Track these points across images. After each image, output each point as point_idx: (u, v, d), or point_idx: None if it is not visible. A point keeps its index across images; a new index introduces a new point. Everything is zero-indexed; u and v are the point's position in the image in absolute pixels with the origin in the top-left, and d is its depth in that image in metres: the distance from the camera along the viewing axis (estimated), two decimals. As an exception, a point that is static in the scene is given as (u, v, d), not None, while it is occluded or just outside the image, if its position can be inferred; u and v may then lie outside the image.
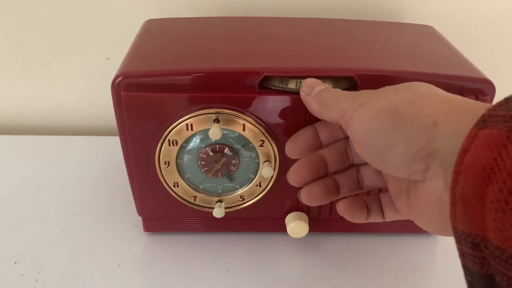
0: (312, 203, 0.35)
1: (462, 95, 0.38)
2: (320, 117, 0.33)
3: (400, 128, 0.26)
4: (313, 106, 0.33)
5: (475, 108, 0.23)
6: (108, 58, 0.64)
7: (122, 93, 0.37)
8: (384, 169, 0.28)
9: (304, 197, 0.35)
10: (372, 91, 0.30)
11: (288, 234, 0.44)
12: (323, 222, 0.47)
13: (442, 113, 0.25)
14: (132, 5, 0.60)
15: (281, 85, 0.38)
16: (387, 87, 0.30)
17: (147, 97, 0.37)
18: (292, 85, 0.37)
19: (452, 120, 0.24)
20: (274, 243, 0.47)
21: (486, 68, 0.65)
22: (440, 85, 0.38)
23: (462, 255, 0.21)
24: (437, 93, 0.28)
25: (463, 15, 0.62)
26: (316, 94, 0.33)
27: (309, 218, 0.45)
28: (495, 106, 0.21)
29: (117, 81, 0.37)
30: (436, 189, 0.25)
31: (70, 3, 0.60)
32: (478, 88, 0.39)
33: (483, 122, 0.21)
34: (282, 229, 0.45)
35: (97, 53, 0.64)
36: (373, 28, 0.50)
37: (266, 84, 0.38)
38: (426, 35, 0.49)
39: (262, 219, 0.46)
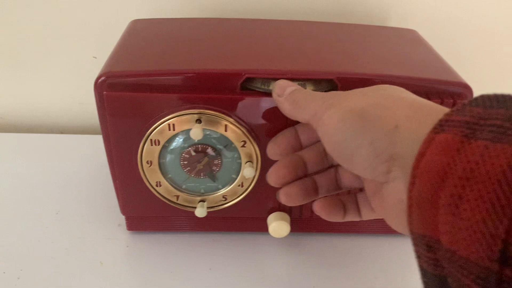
0: (291, 203, 0.35)
1: (441, 98, 0.39)
2: (292, 118, 0.34)
3: (365, 131, 0.26)
4: (285, 107, 0.34)
5: (436, 113, 0.24)
6: (95, 57, 0.64)
7: (104, 92, 0.38)
8: (351, 169, 0.29)
9: (283, 198, 0.35)
10: (342, 92, 0.31)
11: (270, 234, 0.45)
12: (305, 222, 0.47)
13: (404, 117, 0.25)
14: (120, 5, 0.60)
15: (262, 87, 0.38)
16: (356, 89, 0.31)
17: (130, 97, 0.38)
18: (270, 86, 0.38)
19: (412, 124, 0.24)
20: (256, 243, 0.47)
21: (471, 72, 0.66)
22: (418, 89, 0.39)
23: (418, 257, 0.22)
24: (402, 97, 0.28)
25: (449, 19, 0.62)
26: (288, 95, 0.34)
27: (291, 218, 0.45)
28: (452, 111, 0.22)
29: (100, 80, 0.38)
30: (398, 191, 0.26)
31: (59, 3, 0.60)
32: (456, 91, 0.40)
33: (440, 126, 0.21)
34: (265, 229, 0.45)
35: (85, 52, 0.64)
36: (357, 32, 0.51)
37: (248, 85, 0.39)
38: (409, 39, 0.50)
39: (245, 219, 0.47)
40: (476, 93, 0.41)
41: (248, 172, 0.41)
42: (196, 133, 0.37)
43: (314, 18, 0.62)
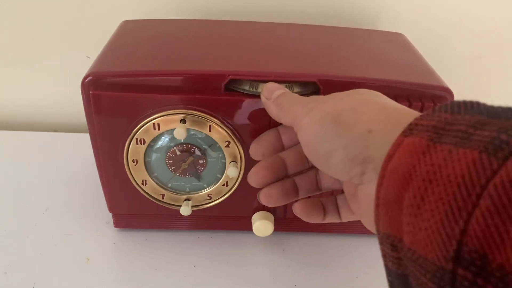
0: (271, 204, 0.36)
1: (422, 102, 0.40)
2: (278, 121, 0.35)
3: (341, 135, 0.27)
4: (272, 110, 0.35)
5: (408, 117, 0.24)
6: (88, 57, 0.65)
7: (91, 92, 0.38)
8: (328, 172, 0.29)
9: (263, 198, 0.36)
10: (321, 97, 0.32)
11: (254, 233, 0.45)
12: (289, 221, 0.48)
13: (377, 121, 0.26)
14: (113, 5, 0.61)
15: (251, 89, 0.39)
16: (335, 93, 0.31)
17: (115, 97, 0.39)
18: (259, 89, 0.39)
19: (385, 128, 0.25)
20: (241, 241, 0.48)
21: (461, 76, 0.67)
22: (400, 91, 0.40)
23: (383, 256, 0.22)
24: (377, 101, 0.29)
25: (438, 24, 0.63)
26: (275, 99, 0.34)
27: (275, 218, 0.46)
28: (422, 115, 0.22)
29: (86, 80, 0.39)
30: (371, 192, 0.26)
31: (53, 1, 0.61)
32: (437, 95, 0.40)
33: (410, 130, 0.22)
34: (249, 227, 0.46)
35: (78, 52, 0.65)
36: (344, 35, 0.52)
37: (233, 87, 0.39)
38: (395, 42, 0.51)
39: (229, 217, 0.48)
40: (462, 97, 0.42)
41: (232, 172, 0.41)
42: (180, 132, 0.38)
43: (304, 21, 0.62)
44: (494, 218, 0.16)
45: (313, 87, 0.40)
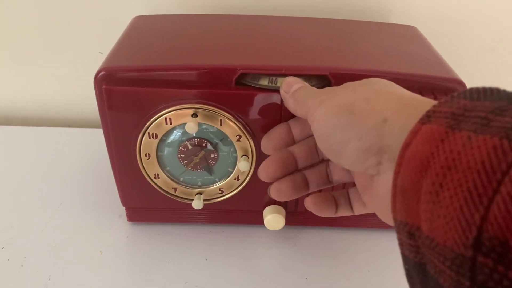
0: (282, 199, 0.36)
1: (434, 94, 0.40)
2: (296, 115, 0.35)
3: (354, 126, 0.27)
4: (290, 103, 0.35)
5: (424, 105, 0.24)
6: (101, 53, 0.65)
7: (103, 87, 0.39)
8: (342, 163, 0.29)
9: (274, 193, 0.36)
10: (334, 88, 0.32)
11: (265, 227, 0.45)
12: (300, 215, 0.48)
13: (392, 110, 0.26)
14: (125, 0, 0.61)
15: (256, 82, 0.39)
16: (347, 84, 0.31)
17: (128, 91, 0.39)
18: (278, 83, 0.39)
19: (401, 117, 0.25)
20: (252, 235, 0.49)
21: (474, 68, 0.66)
22: (412, 84, 0.40)
23: (400, 244, 0.22)
24: (390, 91, 0.29)
25: (451, 16, 0.62)
26: (292, 92, 0.34)
27: (286, 212, 0.46)
28: (440, 102, 0.22)
29: (99, 75, 0.39)
30: (387, 183, 0.26)
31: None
32: (450, 87, 0.40)
33: (427, 117, 0.22)
34: (260, 221, 0.46)
35: (91, 48, 0.65)
36: (356, 28, 0.51)
37: (244, 81, 0.39)
38: (407, 35, 0.50)
39: (241, 211, 0.48)
40: None
41: (243, 165, 0.42)
42: (191, 127, 0.38)
43: (316, 15, 0.62)
44: None
45: (325, 80, 0.39)
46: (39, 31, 0.64)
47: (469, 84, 0.41)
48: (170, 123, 0.40)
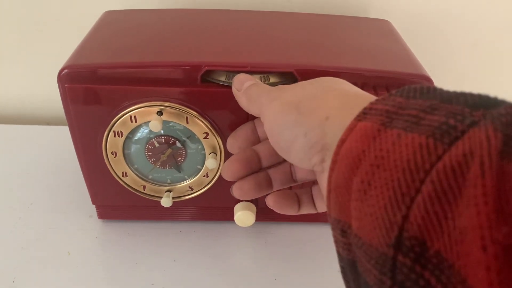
0: (244, 197, 0.36)
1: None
2: (248, 112, 0.34)
3: (301, 123, 0.27)
4: (242, 101, 0.34)
5: (365, 102, 0.24)
6: (76, 49, 0.64)
7: (66, 85, 0.38)
8: (291, 160, 0.29)
9: (236, 192, 0.36)
10: (285, 86, 0.31)
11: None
12: (272, 211, 0.47)
13: (335, 108, 0.26)
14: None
15: (223, 80, 0.39)
16: (299, 82, 0.31)
17: (91, 89, 0.38)
18: (224, 78, 0.38)
19: (342, 114, 0.25)
20: (223, 233, 0.48)
21: (455, 63, 0.66)
22: (379, 80, 0.39)
23: (335, 242, 0.22)
24: (335, 88, 0.29)
25: (431, 10, 0.62)
26: (245, 90, 0.34)
27: (257, 208, 0.46)
28: (378, 99, 0.22)
29: (62, 73, 0.38)
30: None
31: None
32: (417, 84, 0.40)
33: (364, 114, 0.22)
34: (231, 218, 0.46)
35: (70, 44, 0.64)
36: (328, 22, 0.51)
37: (209, 78, 0.39)
38: (379, 30, 0.50)
39: (211, 208, 0.48)
40: (456, 86, 0.41)
41: (212, 163, 0.41)
42: (155, 125, 0.38)
43: (292, 9, 0.61)
44: (434, 204, 0.16)
45: (291, 77, 0.39)
46: (14, 27, 0.63)
47: (451, 80, 0.40)
48: (136, 121, 0.40)
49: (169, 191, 0.45)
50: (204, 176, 0.44)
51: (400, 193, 0.17)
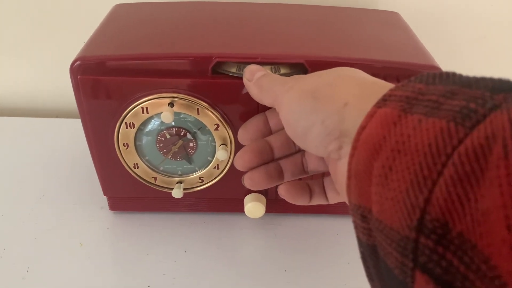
0: (255, 188, 0.36)
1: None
2: (260, 102, 0.34)
3: (317, 110, 0.27)
4: (254, 91, 0.34)
5: (383, 89, 0.24)
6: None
7: (78, 76, 0.39)
8: (307, 148, 0.29)
9: (247, 182, 0.36)
10: (301, 76, 0.32)
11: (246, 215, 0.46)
12: (281, 203, 0.48)
13: (353, 95, 0.26)
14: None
15: (234, 71, 0.39)
16: (316, 72, 0.31)
17: (103, 81, 0.39)
18: (235, 69, 0.38)
19: (361, 101, 0.25)
20: (233, 224, 0.49)
21: (462, 56, 0.66)
22: (388, 71, 0.40)
23: (355, 227, 0.22)
24: (353, 76, 0.29)
25: (440, 2, 0.62)
26: (256, 80, 0.34)
27: (267, 199, 0.46)
28: (397, 86, 0.22)
29: (75, 65, 0.39)
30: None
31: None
32: (428, 75, 0.40)
33: (383, 101, 0.22)
34: (241, 209, 0.46)
35: (81, 37, 0.65)
36: (337, 14, 0.51)
37: (220, 69, 0.39)
38: (389, 21, 0.50)
39: (222, 200, 0.48)
40: None
41: (222, 154, 0.42)
42: (167, 116, 0.38)
43: (302, 1, 0.61)
44: (456, 186, 0.16)
45: (301, 68, 0.39)
46: (22, 21, 0.64)
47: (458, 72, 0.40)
48: (147, 113, 0.40)
49: (180, 182, 0.45)
50: (215, 167, 0.44)
51: (422, 176, 0.17)
